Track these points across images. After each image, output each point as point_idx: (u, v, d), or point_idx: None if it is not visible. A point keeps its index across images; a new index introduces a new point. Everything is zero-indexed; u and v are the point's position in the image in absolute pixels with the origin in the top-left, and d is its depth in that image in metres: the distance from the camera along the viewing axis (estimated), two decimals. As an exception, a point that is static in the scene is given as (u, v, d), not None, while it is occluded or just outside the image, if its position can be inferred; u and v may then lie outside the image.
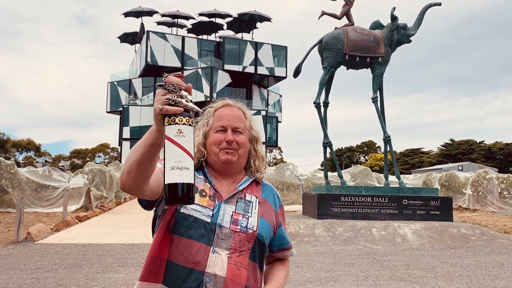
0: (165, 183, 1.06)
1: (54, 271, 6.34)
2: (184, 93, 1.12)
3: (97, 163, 30.61)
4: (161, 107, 1.10)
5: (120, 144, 42.09)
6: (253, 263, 1.42)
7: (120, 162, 28.66)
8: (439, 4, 12.38)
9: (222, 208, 1.43)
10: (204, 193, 1.44)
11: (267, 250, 1.53)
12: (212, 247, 1.35)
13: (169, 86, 1.10)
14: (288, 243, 1.61)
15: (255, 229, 1.43)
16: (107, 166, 22.56)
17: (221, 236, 1.37)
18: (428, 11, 12.61)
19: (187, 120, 1.09)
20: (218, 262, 1.34)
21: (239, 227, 1.40)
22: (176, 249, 1.36)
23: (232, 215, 1.42)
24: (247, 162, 1.58)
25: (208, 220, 1.38)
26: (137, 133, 39.35)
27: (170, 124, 1.07)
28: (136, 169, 1.21)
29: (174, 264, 1.35)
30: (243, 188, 1.52)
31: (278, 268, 1.59)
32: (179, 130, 1.07)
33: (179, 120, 1.08)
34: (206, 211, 1.40)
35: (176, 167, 1.06)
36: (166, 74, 1.14)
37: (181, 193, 1.06)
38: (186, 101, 1.11)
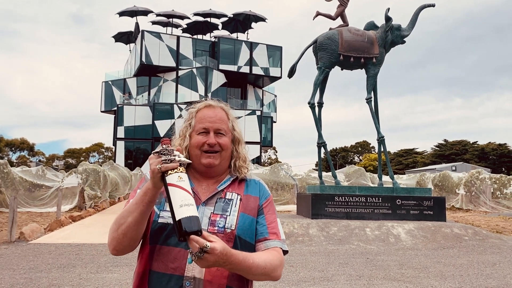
0: (176, 219, 1.19)
1: (47, 271, 6.32)
2: (176, 153, 1.28)
3: (91, 163, 30.46)
4: (159, 166, 1.24)
5: (114, 144, 41.85)
6: None
7: (115, 162, 28.42)
8: (433, 5, 12.46)
9: (200, 210, 1.42)
10: None
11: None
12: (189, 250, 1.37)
13: (163, 152, 1.28)
14: (263, 234, 1.47)
15: (233, 228, 1.41)
16: (101, 165, 22.47)
17: None
18: (424, 12, 12.70)
19: (183, 169, 1.27)
20: (196, 265, 1.33)
21: (216, 228, 1.40)
22: (156, 257, 1.40)
23: (210, 217, 1.42)
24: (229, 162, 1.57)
25: None
26: (131, 132, 39.19)
27: (170, 174, 1.25)
28: (134, 229, 1.33)
29: (155, 272, 1.39)
30: (224, 188, 1.50)
31: (261, 251, 1.45)
32: (179, 176, 1.25)
33: (177, 170, 1.25)
34: None
35: (183, 204, 1.21)
36: (161, 145, 1.32)
37: (193, 224, 1.19)
38: (178, 157, 1.27)
